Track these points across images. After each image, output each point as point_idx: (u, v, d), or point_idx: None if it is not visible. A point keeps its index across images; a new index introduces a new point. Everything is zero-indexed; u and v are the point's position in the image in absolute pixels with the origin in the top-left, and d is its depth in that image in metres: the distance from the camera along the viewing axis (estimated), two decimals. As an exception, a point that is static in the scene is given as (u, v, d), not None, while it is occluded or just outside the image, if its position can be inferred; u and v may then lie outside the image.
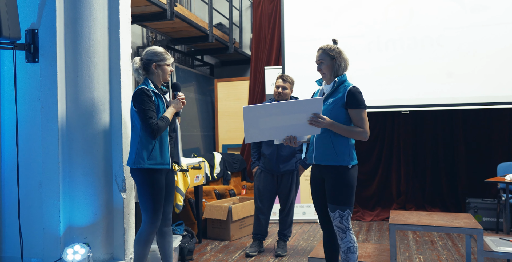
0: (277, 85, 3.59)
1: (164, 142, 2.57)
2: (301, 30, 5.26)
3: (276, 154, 3.59)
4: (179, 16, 4.82)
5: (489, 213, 4.64)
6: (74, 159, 2.84)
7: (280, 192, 3.71)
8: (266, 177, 3.69)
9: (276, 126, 2.40)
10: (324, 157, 2.55)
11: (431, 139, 5.32)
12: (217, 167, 5.43)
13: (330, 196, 2.54)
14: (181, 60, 6.63)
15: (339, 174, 2.51)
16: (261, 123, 2.37)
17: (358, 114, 2.47)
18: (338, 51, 2.56)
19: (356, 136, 2.49)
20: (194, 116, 6.06)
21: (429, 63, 4.80)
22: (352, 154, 2.53)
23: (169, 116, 2.56)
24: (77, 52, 2.87)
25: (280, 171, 3.62)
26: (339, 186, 2.51)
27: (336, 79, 2.54)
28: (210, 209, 4.36)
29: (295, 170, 3.68)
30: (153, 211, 2.55)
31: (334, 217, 2.53)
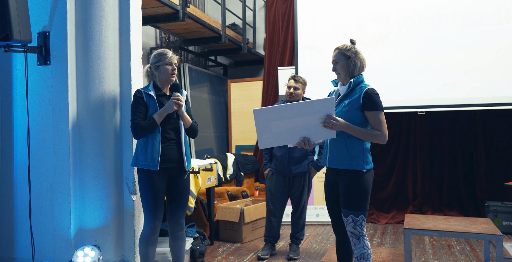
0: (289, 86, 3.54)
1: (154, 143, 2.58)
2: (314, 30, 5.19)
3: (287, 155, 3.54)
4: (191, 17, 4.80)
5: (509, 217, 4.50)
6: (84, 161, 2.84)
7: (292, 194, 3.65)
8: (278, 179, 3.63)
9: (289, 129, 2.34)
10: (337, 160, 2.48)
11: (448, 140, 5.19)
12: (230, 168, 5.40)
13: (344, 200, 2.47)
14: (195, 61, 6.62)
15: (353, 179, 2.45)
16: (273, 127, 2.32)
17: (376, 117, 2.40)
18: (354, 51, 2.49)
19: (374, 139, 2.42)
20: (208, 117, 6.05)
21: (447, 62, 4.68)
22: (367, 158, 2.46)
23: (157, 117, 2.57)
24: (88, 55, 2.87)
25: (292, 173, 3.56)
26: (352, 191, 2.44)
27: (352, 80, 2.47)
28: (222, 211, 4.33)
29: (307, 172, 3.62)
30: (148, 211, 2.60)
31: (347, 222, 2.47)
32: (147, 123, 2.55)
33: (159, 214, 2.63)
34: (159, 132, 2.60)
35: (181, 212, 2.71)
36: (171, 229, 2.71)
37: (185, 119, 2.67)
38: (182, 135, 2.65)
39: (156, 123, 2.57)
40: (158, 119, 2.57)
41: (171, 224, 2.70)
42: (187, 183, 2.74)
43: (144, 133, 2.56)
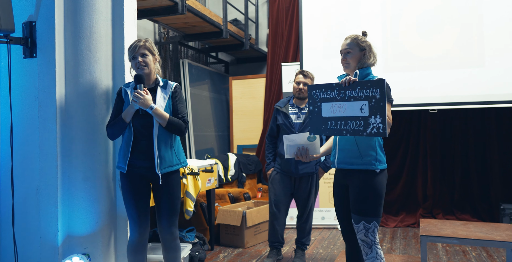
0: (298, 81, 3.33)
1: (125, 143, 2.43)
2: (320, 24, 4.96)
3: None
4: (191, 10, 4.58)
5: (526, 220, 4.26)
6: (74, 163, 2.62)
7: (298, 197, 3.39)
8: (282, 180, 3.36)
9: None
10: (347, 160, 2.27)
11: (460, 139, 4.95)
12: (231, 169, 5.18)
13: (355, 205, 2.25)
14: (195, 57, 6.40)
15: (364, 180, 2.23)
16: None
17: None
18: (369, 44, 2.32)
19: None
20: (208, 115, 5.83)
21: (459, 57, 4.44)
22: (380, 156, 2.25)
23: (124, 115, 2.40)
24: (78, 47, 2.64)
25: (298, 173, 3.30)
26: (364, 194, 2.22)
27: (358, 71, 2.27)
28: (223, 214, 4.11)
29: (314, 172, 3.37)
30: (130, 217, 2.45)
31: (358, 229, 2.25)
32: (114, 123, 2.42)
33: (143, 221, 2.43)
34: (131, 130, 2.40)
35: (168, 220, 2.44)
36: (162, 239, 2.47)
37: (158, 116, 2.35)
38: (154, 133, 2.37)
39: (124, 122, 2.39)
40: (125, 117, 2.39)
41: (161, 234, 2.47)
42: (170, 188, 2.44)
43: (113, 133, 2.43)
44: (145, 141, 2.40)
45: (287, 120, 3.29)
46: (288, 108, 3.34)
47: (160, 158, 2.39)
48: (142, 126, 2.39)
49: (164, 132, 2.41)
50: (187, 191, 3.40)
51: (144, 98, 2.33)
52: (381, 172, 2.24)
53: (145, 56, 2.42)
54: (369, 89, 1.99)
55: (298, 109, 3.33)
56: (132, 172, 2.42)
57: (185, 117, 2.48)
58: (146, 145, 2.39)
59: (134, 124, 2.40)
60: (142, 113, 2.39)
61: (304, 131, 3.21)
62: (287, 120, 3.29)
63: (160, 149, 2.39)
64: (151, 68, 2.45)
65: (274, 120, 3.40)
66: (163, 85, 2.48)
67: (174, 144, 2.48)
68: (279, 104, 3.40)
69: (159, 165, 2.38)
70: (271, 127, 3.43)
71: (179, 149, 2.54)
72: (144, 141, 2.40)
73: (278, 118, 3.35)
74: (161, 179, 2.40)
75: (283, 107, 3.34)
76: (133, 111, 2.39)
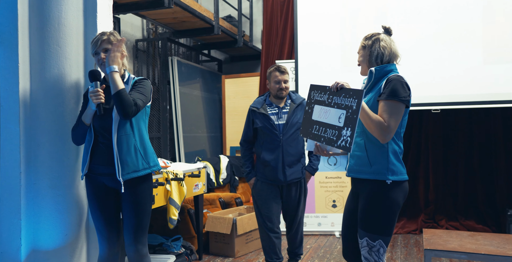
0: (277, 80, 2.93)
1: (86, 147, 2.20)
2: (316, 20, 4.69)
3: (281, 159, 2.90)
4: (179, 4, 4.32)
5: (535, 227, 4.01)
6: (40, 169, 2.36)
7: (287, 206, 3.02)
8: (269, 189, 2.97)
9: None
10: (356, 167, 2.02)
11: (464, 140, 4.69)
12: (223, 172, 4.92)
13: (360, 218, 2.00)
14: (186, 55, 6.13)
15: (373, 192, 1.97)
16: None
17: (386, 105, 1.91)
18: (375, 39, 2.06)
19: (373, 128, 1.89)
20: (200, 116, 5.57)
21: (463, 54, 4.18)
22: (393, 165, 1.95)
23: (84, 117, 2.18)
24: (44, 40, 2.38)
25: (287, 180, 2.92)
26: (371, 207, 1.96)
27: (373, 68, 2.02)
28: (212, 221, 3.85)
29: (302, 177, 3.03)
30: (96, 230, 2.24)
31: (361, 245, 1.99)
32: (75, 125, 2.21)
33: (111, 234, 2.19)
34: (92, 133, 2.17)
35: (132, 236, 2.15)
36: (128, 257, 2.19)
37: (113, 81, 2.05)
38: (113, 133, 2.10)
39: (84, 124, 2.17)
40: (84, 119, 2.17)
41: (126, 251, 2.19)
42: (137, 197, 2.16)
43: (76, 137, 2.22)
44: (104, 144, 2.15)
45: (268, 122, 2.91)
46: (266, 108, 2.95)
47: (121, 162, 2.11)
48: (101, 127, 2.15)
49: (126, 132, 2.14)
50: (170, 198, 3.14)
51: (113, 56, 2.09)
52: (394, 184, 1.94)
53: (108, 51, 2.16)
54: (350, 98, 1.84)
55: (278, 108, 2.97)
56: (95, 179, 2.18)
57: (136, 100, 2.10)
58: (106, 148, 2.14)
59: (95, 126, 2.17)
60: (101, 113, 2.13)
61: (289, 132, 2.91)
62: (268, 122, 2.91)
63: (121, 152, 2.11)
64: None
65: (250, 123, 2.99)
66: (126, 80, 2.21)
67: (139, 145, 2.19)
68: (255, 105, 2.99)
69: (121, 170, 2.10)
70: (246, 132, 3.04)
71: (147, 150, 2.23)
72: (104, 144, 2.15)
73: (256, 121, 2.94)
74: (123, 187, 2.12)
75: (260, 108, 2.95)
76: (91, 112, 2.15)
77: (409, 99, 1.94)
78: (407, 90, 1.94)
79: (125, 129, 2.14)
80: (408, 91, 1.95)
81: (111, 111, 2.14)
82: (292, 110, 2.94)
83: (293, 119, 2.93)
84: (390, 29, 2.12)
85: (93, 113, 2.16)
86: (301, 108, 2.97)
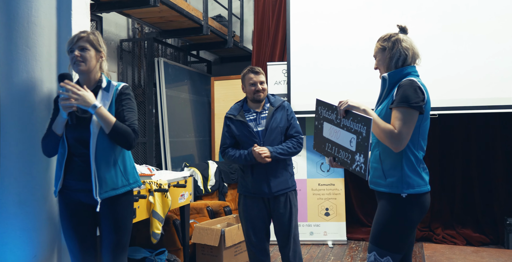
0: (253, 82, 2.64)
1: (58, 161, 1.98)
2: (308, 20, 4.51)
3: (263, 169, 2.59)
4: (165, 2, 4.10)
5: (535, 238, 3.86)
6: (6, 182, 2.14)
7: (277, 222, 2.67)
8: (253, 203, 2.66)
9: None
10: (373, 180, 1.94)
11: (462, 146, 4.54)
12: (211, 178, 4.71)
13: (372, 231, 1.90)
14: (174, 56, 5.91)
15: (388, 206, 1.85)
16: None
17: (397, 112, 1.79)
18: (394, 40, 1.91)
19: (384, 137, 1.79)
20: (187, 119, 5.35)
21: (462, 58, 4.03)
22: (409, 177, 1.82)
23: (54, 126, 1.95)
24: (12, 40, 2.16)
25: (272, 192, 2.60)
26: (382, 220, 1.85)
27: (386, 74, 1.90)
28: (199, 233, 3.64)
29: (291, 188, 2.68)
30: (69, 251, 2.01)
31: (369, 259, 1.87)
32: (45, 135, 1.97)
33: (86, 255, 1.98)
34: (65, 145, 1.94)
35: (110, 257, 1.96)
36: None
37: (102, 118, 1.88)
38: (91, 148, 1.89)
39: (55, 135, 1.93)
40: (54, 128, 1.94)
41: None
42: (115, 216, 1.97)
43: (46, 149, 1.99)
44: (80, 158, 1.93)
45: (246, 129, 2.62)
46: (243, 115, 2.67)
47: (100, 179, 1.91)
48: (76, 139, 1.93)
49: (105, 146, 1.93)
50: (154, 210, 2.92)
51: (83, 95, 1.86)
52: (410, 198, 1.81)
53: (84, 50, 1.95)
54: (359, 123, 1.78)
55: (256, 114, 2.67)
56: (68, 196, 1.97)
57: (134, 126, 1.98)
58: (82, 163, 1.93)
59: (68, 137, 1.94)
60: (73, 123, 1.91)
61: (270, 138, 2.61)
62: (246, 129, 2.62)
63: (99, 168, 1.91)
64: (91, 66, 1.97)
65: (227, 132, 2.70)
66: (106, 87, 2.00)
67: (119, 161, 1.99)
68: (231, 112, 2.71)
69: (98, 188, 1.90)
70: (224, 141, 2.71)
71: (128, 166, 2.04)
72: (79, 158, 1.93)
73: (233, 129, 2.67)
74: (99, 206, 1.91)
75: (237, 115, 2.67)
76: (63, 121, 1.93)
77: (421, 105, 1.78)
78: (421, 94, 1.79)
79: (104, 142, 1.93)
80: (422, 95, 1.80)
81: (88, 121, 1.93)
82: (270, 114, 2.63)
83: (272, 124, 2.62)
84: (406, 28, 1.95)
85: (64, 122, 1.94)
86: (280, 110, 2.66)
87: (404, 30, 1.95)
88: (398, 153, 1.83)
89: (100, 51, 2.01)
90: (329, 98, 2.18)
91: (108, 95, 1.98)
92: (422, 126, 1.85)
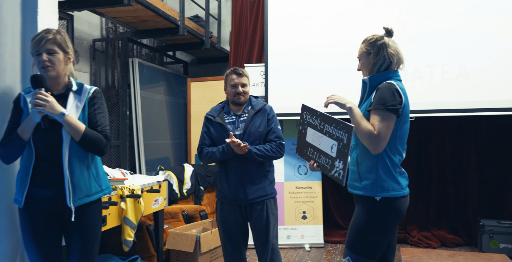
0: (234, 84, 2.55)
1: (23, 167, 1.85)
2: (287, 22, 4.48)
3: (239, 175, 2.49)
4: (140, 1, 3.99)
5: (508, 238, 3.92)
6: (-36, 191, 2.01)
7: (254, 230, 2.55)
8: (230, 210, 2.55)
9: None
10: (350, 182, 1.93)
11: (437, 149, 4.59)
12: (187, 182, 4.62)
13: (347, 235, 1.88)
14: (150, 57, 5.79)
15: (362, 209, 1.84)
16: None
17: (374, 114, 1.77)
18: (380, 44, 1.87)
19: (363, 135, 1.78)
20: (163, 121, 5.23)
21: (436, 62, 4.07)
22: (384, 181, 1.79)
23: (20, 130, 1.83)
24: (-28, 39, 2.04)
25: (248, 199, 2.48)
26: (357, 224, 1.82)
27: (366, 78, 1.88)
28: (174, 238, 3.55)
29: (269, 196, 2.55)
30: None
31: None
32: (8, 141, 1.82)
33: None
34: (31, 150, 1.82)
35: None
36: None
37: (70, 126, 1.80)
38: (64, 153, 1.80)
39: (21, 139, 1.81)
40: (22, 133, 1.81)
41: None
42: (86, 224, 1.88)
43: (7, 155, 1.84)
44: (50, 164, 1.82)
45: (225, 132, 2.50)
46: (223, 117, 2.56)
47: (73, 185, 1.82)
48: (45, 144, 1.82)
49: (78, 150, 1.85)
50: (125, 217, 2.82)
51: (52, 102, 1.76)
52: (384, 201, 1.78)
53: (52, 53, 1.84)
54: (341, 130, 1.81)
55: (236, 116, 2.57)
56: (33, 206, 1.85)
57: (106, 131, 1.91)
58: (52, 168, 1.82)
59: (35, 141, 1.82)
60: (46, 127, 1.80)
61: (248, 142, 2.47)
62: (225, 132, 2.50)
63: (73, 174, 1.82)
64: (59, 70, 1.87)
65: (206, 133, 2.59)
66: (77, 90, 1.91)
67: (92, 166, 1.91)
68: (211, 113, 2.61)
69: (72, 195, 1.81)
70: (202, 142, 2.60)
71: (100, 171, 1.97)
72: (48, 163, 1.82)
73: (212, 131, 2.56)
74: (73, 214, 1.82)
75: (216, 117, 2.57)
76: (33, 125, 1.81)
77: (398, 108, 1.76)
78: (398, 97, 1.77)
79: (77, 147, 1.84)
80: (400, 98, 1.78)
81: (59, 125, 1.82)
82: (250, 117, 2.52)
83: (251, 128, 2.51)
84: (392, 30, 1.92)
85: (34, 126, 1.82)
86: (261, 114, 2.55)
87: (390, 33, 1.92)
88: (374, 156, 1.81)
89: (68, 53, 1.91)
90: (308, 100, 2.17)
91: (80, 98, 1.89)
92: (400, 130, 1.83)
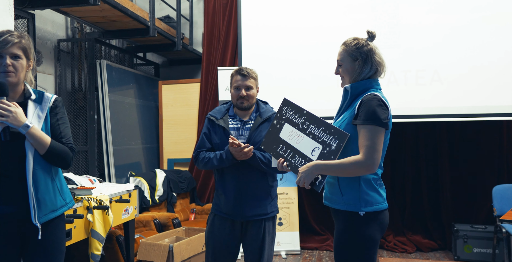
0: (237, 86, 2.29)
1: None
2: (261, 23, 4.39)
3: (237, 186, 2.23)
4: (107, 1, 3.80)
5: (481, 243, 3.96)
6: None
7: (246, 249, 2.29)
8: (223, 225, 2.27)
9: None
10: (329, 196, 1.82)
11: (411, 154, 4.59)
12: (159, 188, 4.45)
13: (334, 252, 1.78)
14: (119, 58, 5.57)
15: (346, 225, 1.75)
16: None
17: (364, 133, 1.67)
18: (367, 50, 1.77)
19: (353, 170, 1.66)
20: (134, 126, 5.04)
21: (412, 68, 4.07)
22: (367, 195, 1.72)
23: None
24: None
25: (245, 215, 2.23)
26: (344, 241, 1.75)
27: (348, 86, 1.79)
28: (145, 249, 3.39)
29: (269, 215, 2.28)
30: None
31: None
32: None
33: None
34: None
35: None
36: None
37: (35, 138, 1.64)
38: (28, 166, 1.65)
39: None
40: None
41: None
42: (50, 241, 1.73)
43: None
44: (11, 178, 1.66)
45: (226, 138, 2.23)
46: (227, 120, 2.30)
47: (38, 201, 1.67)
48: (6, 156, 1.65)
49: (42, 163, 1.70)
50: (93, 229, 2.65)
51: (15, 112, 1.60)
52: (369, 216, 1.70)
53: (17, 58, 1.67)
54: (330, 135, 1.73)
55: (241, 122, 2.31)
56: None
57: (71, 143, 1.78)
58: (13, 183, 1.66)
59: None
60: (7, 139, 1.63)
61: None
62: (227, 138, 2.23)
63: (37, 189, 1.67)
64: (21, 77, 1.71)
65: (208, 135, 2.32)
66: (37, 98, 1.74)
67: (56, 178, 1.78)
68: (215, 114, 2.33)
69: (37, 212, 1.66)
70: (201, 144, 2.33)
71: (63, 183, 1.83)
72: (8, 177, 1.65)
73: (213, 135, 2.29)
74: (40, 232, 1.67)
75: (220, 119, 2.29)
76: None
77: (387, 122, 1.68)
78: (386, 109, 1.69)
79: (41, 159, 1.69)
80: (387, 110, 1.70)
81: (22, 138, 1.66)
82: (256, 126, 2.27)
83: (255, 138, 2.25)
84: (375, 34, 1.83)
85: None
86: (268, 123, 2.28)
87: (373, 37, 1.83)
88: None
89: (30, 59, 1.74)
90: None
91: (42, 108, 1.74)
92: (385, 142, 1.75)
